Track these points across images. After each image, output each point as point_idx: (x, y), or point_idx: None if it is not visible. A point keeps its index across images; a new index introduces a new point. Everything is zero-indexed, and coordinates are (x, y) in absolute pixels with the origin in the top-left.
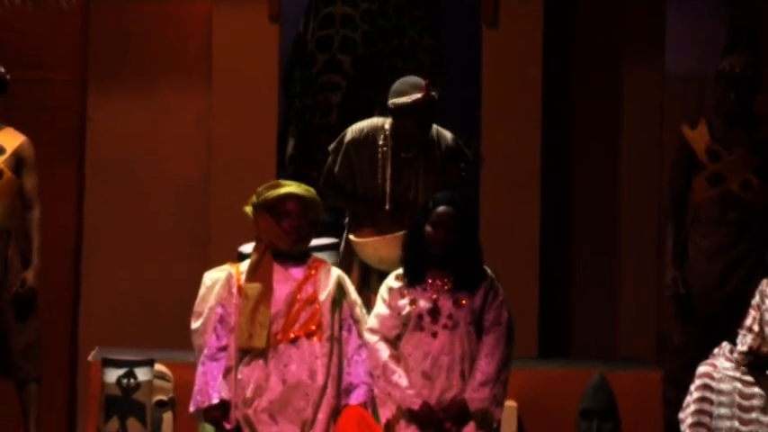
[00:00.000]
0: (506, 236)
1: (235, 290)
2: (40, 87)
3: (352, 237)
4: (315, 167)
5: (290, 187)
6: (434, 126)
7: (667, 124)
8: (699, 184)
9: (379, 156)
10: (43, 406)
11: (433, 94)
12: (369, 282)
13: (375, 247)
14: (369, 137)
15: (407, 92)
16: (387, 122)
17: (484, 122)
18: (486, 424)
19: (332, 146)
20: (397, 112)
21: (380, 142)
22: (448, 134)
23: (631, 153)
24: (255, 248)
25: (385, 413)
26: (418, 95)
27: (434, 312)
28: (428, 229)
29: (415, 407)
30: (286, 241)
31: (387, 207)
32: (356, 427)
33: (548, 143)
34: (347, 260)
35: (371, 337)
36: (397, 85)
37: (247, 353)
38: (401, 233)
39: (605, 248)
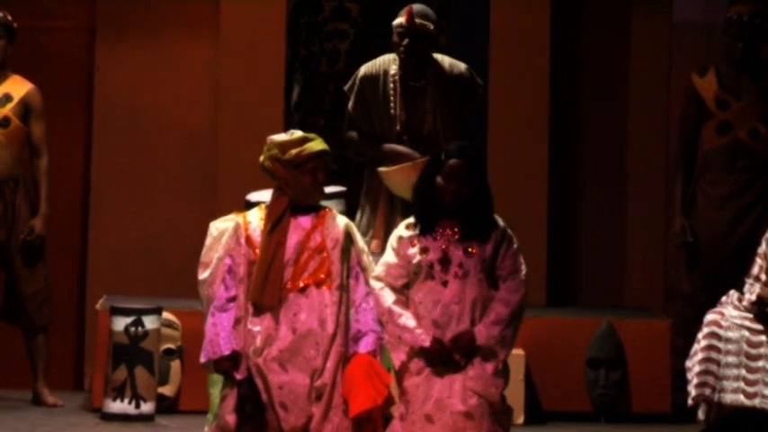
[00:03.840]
0: (514, 184)
1: (243, 240)
2: (48, 36)
3: (381, 168)
4: (322, 115)
5: (319, 143)
6: (447, 58)
7: (675, 73)
8: (707, 133)
9: (391, 86)
10: (51, 354)
11: (418, 21)
12: None
13: (407, 172)
14: (380, 69)
15: (400, 14)
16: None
17: (491, 71)
18: (490, 361)
19: (347, 86)
20: (395, 35)
21: (392, 73)
22: (462, 64)
23: (639, 102)
24: (277, 202)
25: (399, 356)
26: (402, 19)
27: (445, 261)
28: (439, 180)
29: (426, 344)
30: (316, 196)
31: (404, 137)
32: (365, 375)
33: (556, 91)
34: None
35: (376, 284)
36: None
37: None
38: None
39: (613, 197)
